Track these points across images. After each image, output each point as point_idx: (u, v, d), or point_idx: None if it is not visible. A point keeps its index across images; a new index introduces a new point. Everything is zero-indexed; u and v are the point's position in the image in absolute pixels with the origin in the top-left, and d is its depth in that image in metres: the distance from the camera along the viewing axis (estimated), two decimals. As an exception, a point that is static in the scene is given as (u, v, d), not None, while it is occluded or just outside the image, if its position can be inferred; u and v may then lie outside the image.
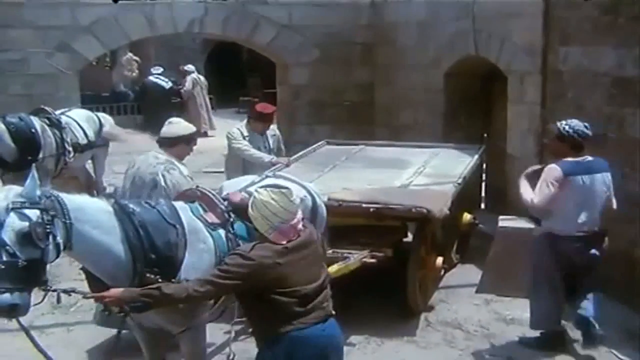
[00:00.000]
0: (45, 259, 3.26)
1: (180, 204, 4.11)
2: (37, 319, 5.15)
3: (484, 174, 8.70)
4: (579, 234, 5.08)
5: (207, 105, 16.50)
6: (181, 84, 16.35)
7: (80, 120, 8.52)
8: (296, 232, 3.39)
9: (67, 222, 3.37)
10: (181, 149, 5.31)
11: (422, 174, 6.79)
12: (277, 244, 3.32)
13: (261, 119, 7.31)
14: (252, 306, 3.40)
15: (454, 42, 8.73)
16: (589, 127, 5.12)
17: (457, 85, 9.06)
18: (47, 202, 3.33)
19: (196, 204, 4.16)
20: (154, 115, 15.46)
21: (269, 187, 3.52)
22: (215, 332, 5.16)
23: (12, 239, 3.16)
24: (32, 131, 7.72)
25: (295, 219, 3.39)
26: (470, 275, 6.68)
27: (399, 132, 9.96)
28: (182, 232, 3.81)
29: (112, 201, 3.77)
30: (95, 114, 9.09)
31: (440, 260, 6.16)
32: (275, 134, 7.62)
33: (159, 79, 16.30)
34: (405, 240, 6.24)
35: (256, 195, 3.45)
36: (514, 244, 5.69)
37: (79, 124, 8.45)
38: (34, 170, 3.46)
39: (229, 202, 4.21)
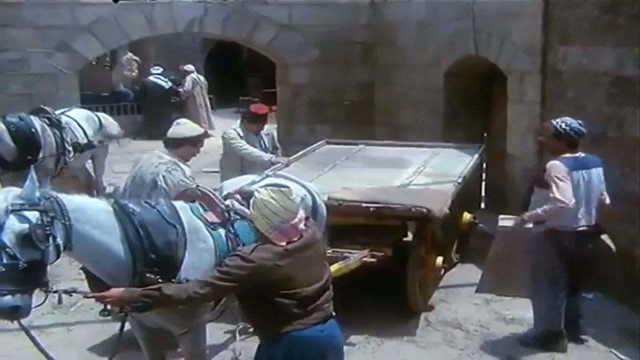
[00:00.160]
0: (45, 260, 3.26)
1: (180, 203, 4.11)
2: (37, 319, 5.14)
3: (484, 174, 8.70)
4: (580, 229, 5.17)
5: (206, 105, 16.50)
6: (181, 84, 16.34)
7: (80, 120, 8.52)
8: (297, 232, 3.36)
9: (67, 223, 3.37)
10: (186, 150, 5.35)
11: (422, 173, 6.79)
12: (278, 246, 3.29)
13: (255, 120, 7.32)
14: (252, 306, 3.40)
15: (454, 42, 8.73)
16: (583, 124, 5.22)
17: (457, 85, 9.05)
18: (46, 203, 3.32)
19: (196, 203, 4.16)
20: (153, 115, 15.48)
21: (269, 186, 3.51)
22: (215, 332, 5.17)
23: (12, 241, 3.15)
24: (32, 131, 7.72)
25: (296, 219, 3.36)
26: (470, 274, 6.67)
27: (399, 131, 9.96)
28: (182, 232, 3.81)
29: (112, 201, 3.77)
30: (95, 114, 9.10)
31: (440, 259, 6.17)
32: (269, 133, 7.64)
33: (159, 78, 16.29)
34: (405, 239, 6.23)
35: (256, 194, 3.43)
36: (514, 244, 5.67)
37: (79, 123, 8.45)
38: (33, 171, 3.46)
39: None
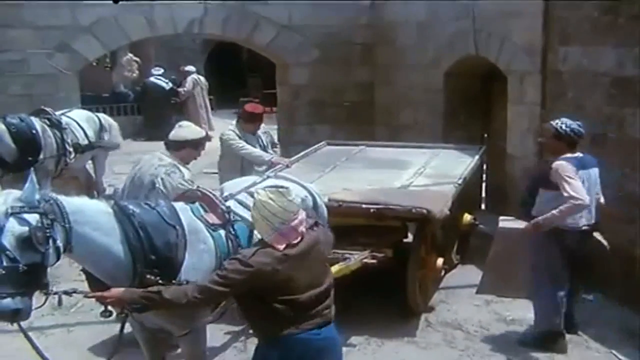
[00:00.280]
0: (45, 262, 3.26)
1: (180, 204, 4.11)
2: (38, 320, 5.14)
3: (484, 174, 8.70)
4: (583, 228, 5.22)
5: (206, 106, 16.49)
6: (181, 85, 16.34)
7: (80, 120, 8.53)
8: (298, 234, 3.33)
9: (67, 225, 3.36)
10: (187, 152, 5.36)
11: (423, 174, 6.79)
12: (278, 250, 3.27)
13: (252, 120, 7.30)
14: (250, 308, 3.38)
15: (454, 42, 8.72)
16: (581, 125, 5.27)
17: (457, 85, 9.05)
18: (46, 205, 3.32)
19: (197, 204, 4.16)
20: (154, 116, 15.48)
21: (268, 187, 3.50)
22: (215, 333, 5.17)
23: (12, 243, 3.15)
24: (33, 132, 7.72)
25: (296, 220, 3.33)
26: (470, 275, 6.68)
27: (399, 132, 9.96)
28: (182, 233, 3.81)
29: (112, 202, 3.77)
30: (96, 115, 9.10)
31: (440, 260, 6.17)
32: (266, 132, 7.61)
33: (160, 79, 16.27)
34: (405, 240, 6.23)
35: (255, 196, 3.43)
36: (514, 245, 5.68)
37: (80, 124, 8.46)
38: (33, 174, 3.46)
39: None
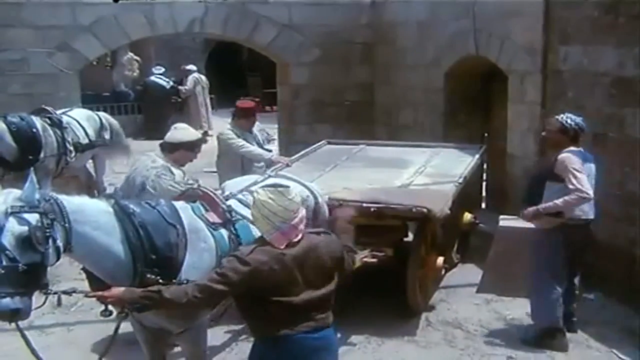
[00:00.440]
0: (45, 262, 3.25)
1: (181, 203, 4.11)
2: (38, 319, 5.14)
3: (484, 174, 8.70)
4: (588, 219, 5.29)
5: (207, 105, 16.50)
6: (182, 83, 16.34)
7: (81, 119, 8.52)
8: (298, 231, 3.33)
9: (67, 225, 3.36)
10: (181, 154, 5.33)
11: (423, 173, 6.79)
12: (277, 248, 3.26)
13: (244, 115, 7.28)
14: (247, 307, 3.36)
15: (454, 42, 8.72)
16: (583, 120, 5.38)
17: (457, 85, 9.05)
18: (46, 205, 3.31)
19: (198, 203, 4.16)
20: (154, 115, 15.47)
21: (267, 186, 3.50)
22: (215, 333, 5.17)
23: (11, 243, 3.14)
24: (33, 131, 7.71)
25: (296, 218, 3.34)
26: (470, 275, 6.68)
27: (399, 131, 9.96)
28: (182, 232, 3.81)
29: (112, 202, 3.76)
30: (96, 114, 9.09)
31: (440, 260, 6.18)
32: (261, 129, 7.59)
33: (160, 78, 16.28)
34: (405, 239, 6.23)
35: (255, 195, 3.42)
36: (514, 244, 5.69)
37: (80, 123, 8.45)
38: (32, 173, 3.45)
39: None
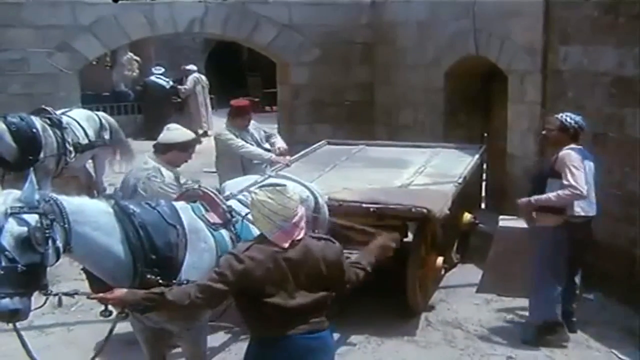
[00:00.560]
0: (45, 263, 3.25)
1: (181, 204, 4.12)
2: (38, 319, 5.14)
3: (484, 174, 8.70)
4: (589, 217, 5.31)
5: (207, 105, 16.50)
6: (183, 84, 16.33)
7: (80, 120, 8.52)
8: (299, 230, 3.32)
9: (66, 225, 3.36)
10: (174, 155, 5.22)
11: (423, 173, 6.79)
12: (273, 247, 3.25)
13: (239, 114, 7.24)
14: (245, 307, 3.36)
15: (454, 42, 8.72)
16: (583, 119, 5.42)
17: (457, 84, 9.05)
18: (45, 206, 3.31)
19: (198, 203, 4.16)
20: (154, 115, 15.45)
21: (265, 186, 3.50)
22: (215, 333, 5.17)
23: (11, 244, 3.13)
24: (33, 131, 7.71)
25: (297, 216, 3.33)
26: (470, 275, 6.68)
27: (399, 131, 9.97)
28: (182, 233, 3.82)
29: (112, 202, 3.76)
30: (96, 114, 9.09)
31: (440, 260, 6.18)
32: (257, 127, 7.50)
33: (160, 78, 16.27)
34: (405, 240, 6.23)
35: (253, 196, 3.42)
36: (514, 244, 5.70)
37: (80, 123, 8.45)
38: (32, 174, 3.44)
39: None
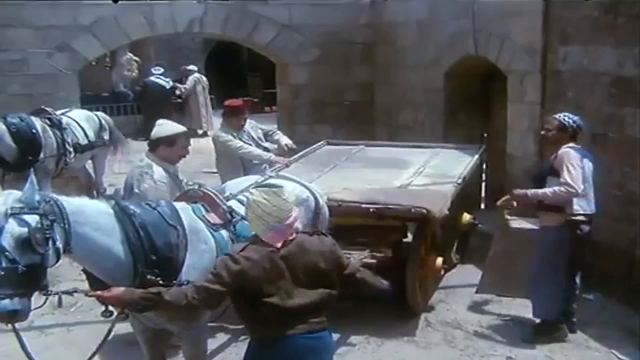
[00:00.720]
0: (45, 263, 3.24)
1: (181, 204, 4.12)
2: (37, 319, 5.14)
3: (484, 174, 8.70)
4: (588, 214, 5.31)
5: (207, 105, 16.52)
6: (183, 84, 16.34)
7: (80, 120, 8.52)
8: (293, 230, 3.33)
9: (66, 226, 3.35)
10: (164, 151, 5.08)
11: (422, 174, 6.78)
12: (268, 247, 3.25)
13: (233, 114, 7.21)
14: (242, 308, 3.36)
15: (454, 42, 8.72)
16: (581, 119, 5.45)
17: (457, 84, 9.05)
18: (46, 206, 3.30)
19: (198, 204, 4.16)
20: (154, 115, 15.35)
21: (261, 187, 3.50)
22: (215, 333, 5.17)
23: (11, 244, 3.13)
24: (33, 131, 7.71)
25: (291, 217, 3.33)
26: (470, 275, 6.68)
27: (399, 131, 9.97)
28: (182, 233, 3.82)
29: (113, 203, 3.76)
30: (95, 114, 9.10)
31: (440, 260, 6.18)
32: (253, 126, 7.46)
33: (160, 79, 16.26)
34: (405, 240, 6.23)
35: (249, 196, 3.42)
36: (514, 244, 5.70)
37: (79, 124, 8.45)
38: (32, 175, 3.44)
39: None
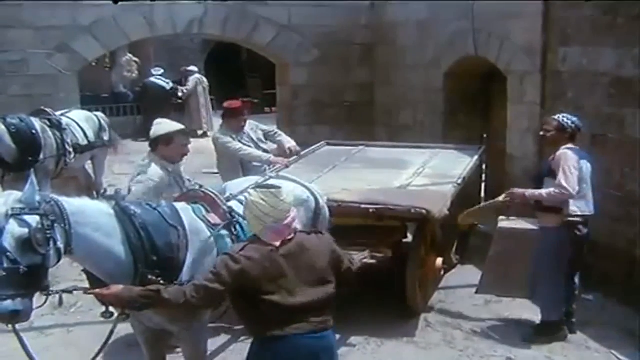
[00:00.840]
0: (46, 264, 3.25)
1: (182, 204, 4.12)
2: (37, 320, 5.14)
3: (483, 174, 8.70)
4: (586, 215, 5.33)
5: (208, 105, 16.53)
6: (181, 84, 16.33)
7: (80, 121, 8.52)
8: (291, 230, 3.35)
9: (67, 227, 3.35)
10: (163, 149, 5.09)
11: (422, 174, 6.79)
12: (269, 245, 3.26)
13: (232, 115, 7.18)
14: (243, 307, 3.36)
15: (454, 42, 8.73)
16: (580, 120, 5.48)
17: (457, 85, 9.05)
18: (46, 207, 3.30)
19: (199, 204, 4.16)
20: (154, 116, 15.31)
21: (259, 187, 3.51)
22: (215, 333, 5.17)
23: (12, 245, 3.13)
24: (33, 132, 7.70)
25: (289, 218, 3.34)
26: (469, 275, 6.68)
27: (399, 132, 9.97)
28: (183, 234, 3.82)
29: (113, 203, 3.76)
30: (94, 115, 9.10)
31: (439, 260, 6.18)
32: (252, 127, 7.40)
33: (159, 79, 16.26)
34: (405, 240, 6.23)
35: (247, 196, 3.44)
36: (513, 245, 5.70)
37: (79, 124, 8.45)
38: (33, 175, 3.44)
39: None
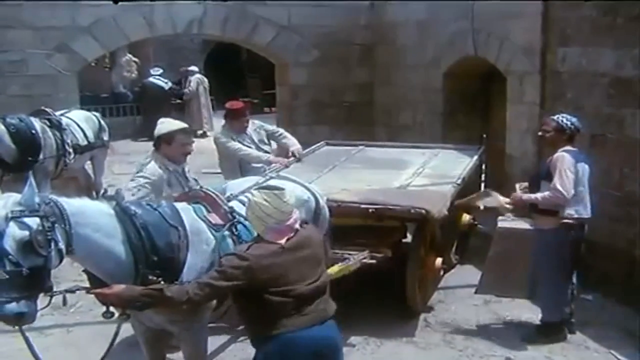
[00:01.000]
0: (48, 265, 3.25)
1: (182, 205, 4.12)
2: (37, 320, 5.06)
3: (483, 175, 8.70)
4: (583, 218, 5.33)
5: (208, 105, 16.54)
6: (181, 84, 16.33)
7: (79, 121, 8.52)
8: (292, 230, 3.40)
9: (67, 228, 3.36)
10: (165, 148, 5.13)
11: (422, 174, 6.78)
12: (274, 243, 3.32)
13: (235, 116, 7.17)
14: (246, 306, 3.39)
15: (453, 42, 8.73)
16: (579, 120, 5.46)
17: (456, 85, 9.06)
18: (46, 208, 3.30)
19: (199, 204, 4.16)
20: (153, 116, 15.38)
21: (262, 188, 3.53)
22: (215, 333, 5.16)
23: (13, 248, 3.13)
24: (33, 132, 7.70)
25: (291, 219, 3.39)
26: (469, 275, 6.68)
27: (398, 132, 9.97)
28: (183, 234, 3.82)
29: (114, 203, 3.76)
30: (94, 115, 9.10)
31: (439, 260, 6.18)
32: (256, 128, 7.38)
33: (159, 79, 16.27)
34: (404, 240, 6.24)
35: (250, 197, 3.46)
36: (513, 245, 5.70)
37: (79, 125, 8.45)
38: (31, 177, 3.44)
39: None
